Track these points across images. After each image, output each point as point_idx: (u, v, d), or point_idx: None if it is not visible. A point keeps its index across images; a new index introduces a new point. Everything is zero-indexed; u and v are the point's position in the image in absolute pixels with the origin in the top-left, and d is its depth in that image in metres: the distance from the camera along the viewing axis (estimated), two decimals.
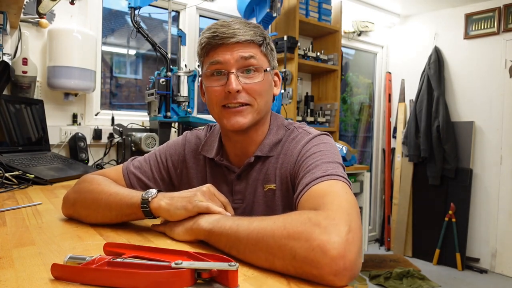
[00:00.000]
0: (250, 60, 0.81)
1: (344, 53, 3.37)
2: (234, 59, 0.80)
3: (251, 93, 0.82)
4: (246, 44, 0.81)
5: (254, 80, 0.82)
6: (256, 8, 2.48)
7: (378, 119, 4.19)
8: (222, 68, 0.81)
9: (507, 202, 3.25)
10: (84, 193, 0.83)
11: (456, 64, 3.57)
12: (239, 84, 0.80)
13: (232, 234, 0.61)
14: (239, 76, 0.81)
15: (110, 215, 0.78)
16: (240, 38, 0.79)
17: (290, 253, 0.53)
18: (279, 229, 0.55)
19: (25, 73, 1.89)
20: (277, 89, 0.92)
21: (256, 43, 0.82)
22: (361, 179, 3.04)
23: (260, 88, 0.82)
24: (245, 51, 0.80)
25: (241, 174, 0.89)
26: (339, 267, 0.50)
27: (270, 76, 0.87)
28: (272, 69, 0.88)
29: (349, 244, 0.52)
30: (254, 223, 0.59)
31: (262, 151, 0.87)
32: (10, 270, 0.54)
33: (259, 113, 0.84)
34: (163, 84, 2.03)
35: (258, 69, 0.82)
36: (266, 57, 0.85)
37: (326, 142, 0.82)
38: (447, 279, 3.11)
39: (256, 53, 0.82)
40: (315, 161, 0.76)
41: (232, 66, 0.80)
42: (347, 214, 0.57)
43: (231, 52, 0.80)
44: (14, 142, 1.71)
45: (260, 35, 0.83)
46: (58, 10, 2.07)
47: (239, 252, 0.59)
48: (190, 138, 0.98)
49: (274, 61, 0.89)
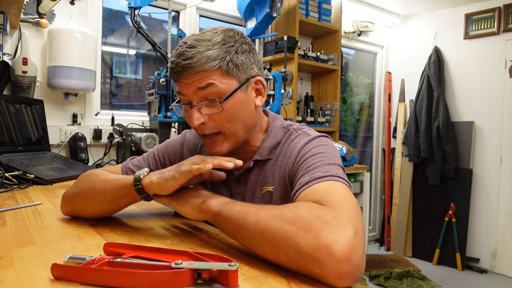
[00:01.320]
0: (208, 89, 0.75)
1: (344, 53, 3.37)
2: (192, 92, 0.76)
3: (217, 122, 0.78)
4: (201, 75, 0.74)
5: (217, 111, 0.76)
6: (256, 8, 2.48)
7: (378, 119, 4.19)
8: (185, 100, 0.79)
9: (507, 202, 3.25)
10: (81, 184, 0.85)
11: (456, 64, 3.57)
12: (201, 117, 0.77)
13: (239, 220, 0.61)
14: (202, 107, 0.77)
15: (105, 200, 0.79)
16: (191, 71, 0.74)
17: (295, 248, 0.52)
18: (287, 222, 0.55)
19: (25, 73, 1.89)
20: (262, 97, 0.84)
21: (212, 69, 0.74)
22: (361, 179, 3.04)
23: (225, 116, 0.77)
24: (201, 81, 0.75)
25: (240, 178, 0.89)
26: (343, 270, 0.49)
27: (241, 94, 0.78)
28: (245, 82, 0.79)
29: (355, 247, 0.51)
30: (262, 211, 0.59)
31: (261, 155, 0.86)
32: (10, 270, 0.54)
33: (234, 138, 0.80)
34: (163, 84, 2.03)
35: (221, 96, 0.76)
36: (231, 75, 0.76)
37: (326, 144, 0.81)
38: (447, 279, 3.11)
39: (216, 78, 0.75)
40: (315, 162, 0.74)
41: (192, 98, 0.77)
42: (353, 216, 0.56)
43: (188, 85, 0.76)
44: (14, 142, 1.71)
45: (218, 55, 0.74)
46: (58, 10, 2.07)
47: (244, 239, 0.60)
48: (189, 137, 0.98)
49: (248, 72, 0.80)
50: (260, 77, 0.84)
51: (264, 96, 0.85)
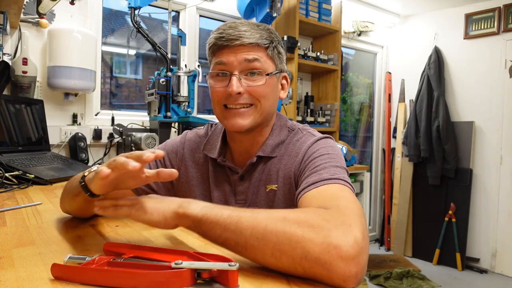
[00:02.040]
0: (254, 63, 0.80)
1: (344, 53, 3.37)
2: (238, 61, 0.80)
3: (253, 95, 0.82)
4: (251, 47, 0.80)
5: (257, 83, 0.81)
6: (256, 8, 2.48)
7: (378, 119, 4.19)
8: (225, 69, 0.81)
9: (507, 202, 3.25)
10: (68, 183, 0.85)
11: (456, 64, 3.57)
12: (240, 86, 0.80)
13: (232, 225, 0.56)
14: (242, 78, 0.81)
15: (70, 198, 0.78)
16: (245, 40, 0.79)
17: (302, 252, 0.51)
18: (292, 225, 0.53)
19: (25, 73, 1.89)
20: (284, 92, 0.91)
21: (262, 46, 0.81)
22: (361, 179, 3.05)
23: (262, 90, 0.82)
24: (249, 53, 0.80)
25: (244, 175, 0.89)
26: (351, 273, 0.50)
27: (275, 79, 0.86)
28: (279, 72, 0.87)
29: (364, 250, 0.52)
30: (260, 215, 0.56)
31: (264, 151, 0.87)
32: (10, 270, 0.54)
33: (261, 114, 0.84)
34: (163, 84, 2.03)
35: (262, 72, 0.82)
36: (272, 60, 0.84)
37: (333, 145, 0.83)
38: (447, 279, 3.11)
39: (261, 56, 0.81)
40: (323, 162, 0.75)
41: (235, 68, 0.80)
42: (360, 222, 0.56)
43: (235, 54, 0.80)
44: (14, 142, 1.71)
45: (267, 38, 0.82)
46: (58, 10, 2.07)
47: (237, 245, 0.55)
48: (190, 136, 0.98)
49: (282, 64, 0.88)
50: (287, 74, 0.92)
51: (286, 92, 0.92)
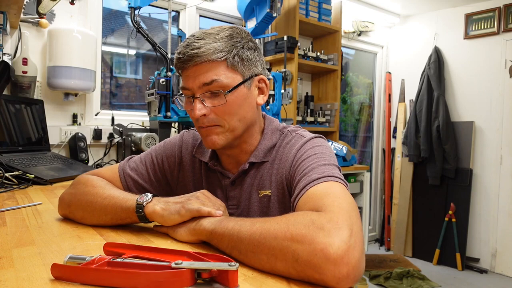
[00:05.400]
0: (212, 85, 0.77)
1: (344, 53, 3.36)
2: (197, 86, 0.78)
3: (218, 114, 0.79)
4: (208, 65, 0.76)
5: (220, 103, 0.78)
6: (256, 8, 2.48)
7: (378, 119, 4.19)
8: (189, 93, 0.81)
9: (507, 202, 3.25)
10: (79, 195, 0.83)
11: (456, 64, 3.57)
12: (203, 108, 0.78)
13: (234, 235, 0.60)
14: (205, 99, 0.79)
15: (105, 218, 0.78)
16: (197, 60, 0.76)
17: (292, 256, 0.52)
18: (282, 230, 0.55)
19: (25, 73, 1.89)
20: (264, 96, 0.86)
21: (218, 61, 0.77)
22: (361, 179, 3.04)
23: (225, 109, 0.79)
24: (206, 74, 0.77)
25: (236, 181, 0.88)
26: (342, 274, 0.50)
27: (244, 90, 0.80)
28: (249, 79, 0.81)
29: (352, 249, 0.51)
30: (257, 224, 0.59)
31: (256, 157, 0.86)
32: (10, 270, 0.54)
33: (232, 131, 0.81)
34: (163, 84, 2.03)
35: (225, 89, 0.78)
36: (235, 70, 0.79)
37: (321, 144, 0.82)
38: (447, 279, 3.11)
39: (220, 73, 0.77)
40: (310, 164, 0.75)
41: (196, 91, 0.79)
42: (349, 216, 0.56)
43: (193, 79, 0.78)
44: (14, 142, 1.71)
45: (225, 48, 0.77)
46: (58, 10, 2.07)
47: (240, 253, 0.59)
48: (187, 138, 0.97)
49: (252, 69, 0.82)
50: (264, 76, 0.86)
51: (266, 95, 0.87)
